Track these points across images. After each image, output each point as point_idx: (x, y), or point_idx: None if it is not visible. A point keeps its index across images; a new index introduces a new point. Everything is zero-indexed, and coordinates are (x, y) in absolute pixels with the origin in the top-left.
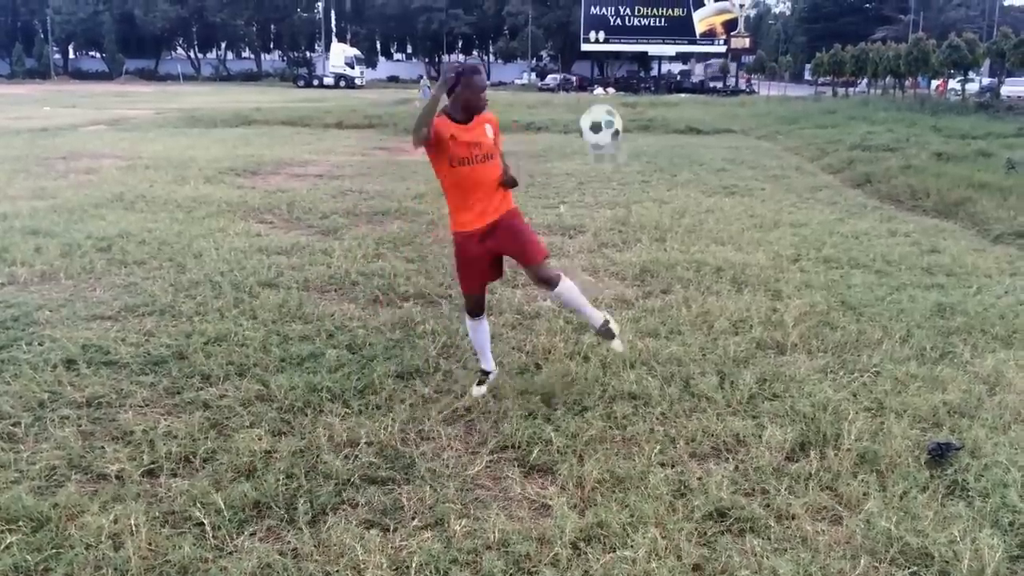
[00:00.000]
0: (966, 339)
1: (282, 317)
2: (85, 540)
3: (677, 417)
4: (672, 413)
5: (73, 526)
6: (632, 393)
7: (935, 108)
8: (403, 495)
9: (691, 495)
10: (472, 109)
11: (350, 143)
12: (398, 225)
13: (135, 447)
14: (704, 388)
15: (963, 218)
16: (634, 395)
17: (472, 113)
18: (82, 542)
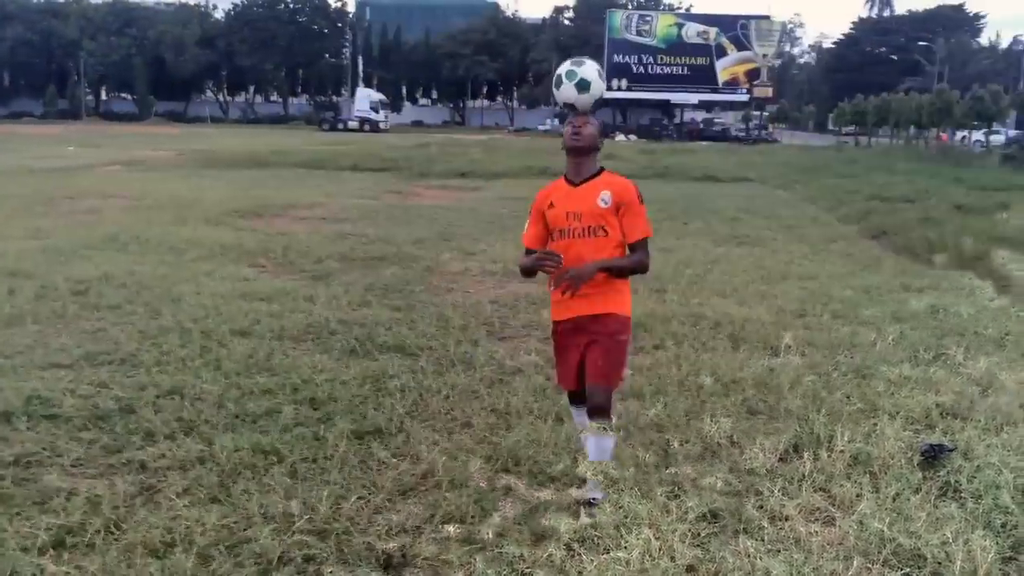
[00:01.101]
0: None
1: (247, 369)
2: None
3: (651, 491)
4: (645, 486)
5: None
6: None
7: (958, 159)
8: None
9: None
10: (570, 151)
11: (363, 186)
12: (392, 271)
13: (54, 514)
14: (682, 459)
15: (981, 272)
16: None
17: (579, 166)
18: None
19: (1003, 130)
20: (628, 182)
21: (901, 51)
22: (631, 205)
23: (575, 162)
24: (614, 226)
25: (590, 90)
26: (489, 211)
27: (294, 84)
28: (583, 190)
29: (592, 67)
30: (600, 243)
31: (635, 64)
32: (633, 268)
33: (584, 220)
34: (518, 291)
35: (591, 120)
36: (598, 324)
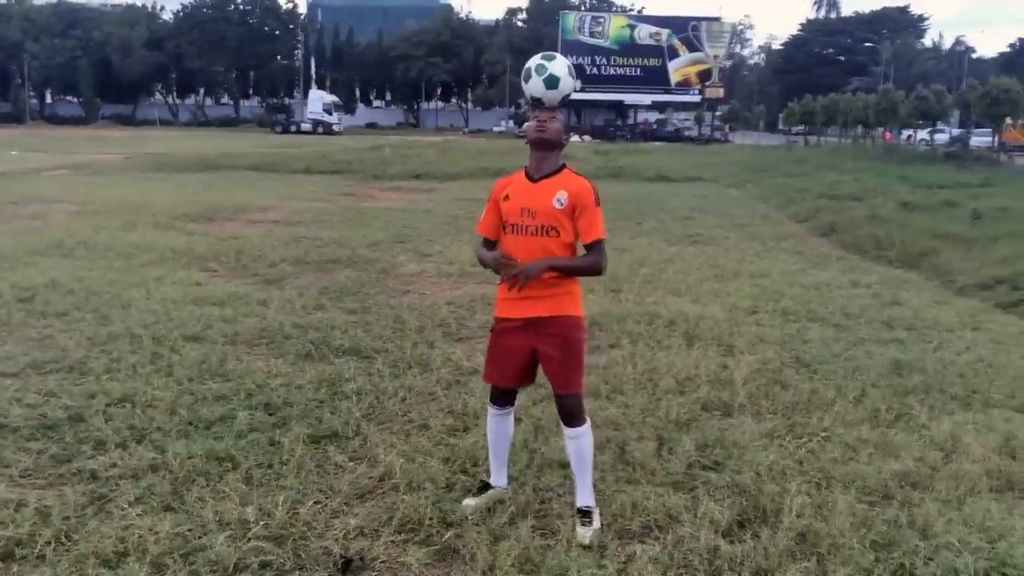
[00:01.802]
0: (923, 399)
1: (200, 374)
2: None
3: (608, 489)
4: (603, 484)
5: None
6: (562, 461)
7: (904, 158)
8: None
9: None
10: (534, 144)
11: (316, 188)
12: (347, 274)
13: (2, 526)
14: (640, 456)
15: (927, 269)
16: (564, 463)
17: (541, 161)
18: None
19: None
20: (586, 183)
21: (848, 52)
22: (586, 207)
23: (538, 156)
24: (567, 228)
25: (558, 87)
26: (444, 212)
27: (245, 86)
28: (541, 188)
29: (563, 63)
30: (550, 243)
31: (588, 65)
32: (585, 269)
33: (537, 219)
34: (474, 292)
35: (557, 116)
36: (552, 327)
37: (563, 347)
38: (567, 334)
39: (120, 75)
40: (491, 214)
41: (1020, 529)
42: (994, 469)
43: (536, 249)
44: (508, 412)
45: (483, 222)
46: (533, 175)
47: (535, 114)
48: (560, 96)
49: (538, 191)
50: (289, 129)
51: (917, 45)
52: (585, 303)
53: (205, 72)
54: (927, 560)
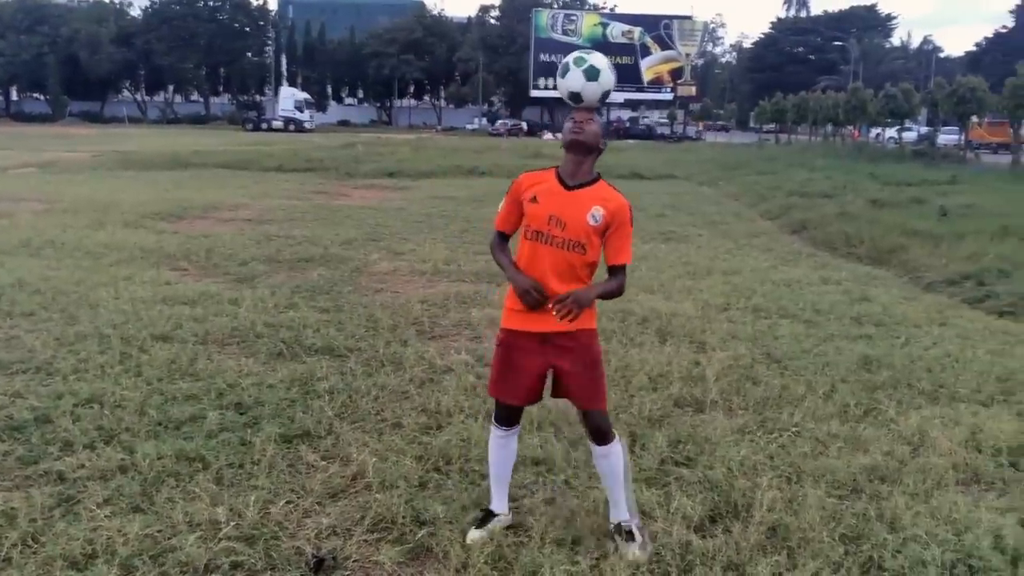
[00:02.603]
0: (891, 394)
1: (170, 374)
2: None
3: (582, 486)
4: (577, 480)
5: None
6: (535, 459)
7: (873, 156)
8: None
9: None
10: (570, 147)
11: (288, 187)
12: (319, 273)
13: None
14: None
15: (895, 265)
16: (537, 460)
17: (577, 166)
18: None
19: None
20: (624, 200)
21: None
22: (621, 227)
23: (573, 160)
24: (595, 246)
25: (599, 79)
26: (418, 211)
27: (215, 83)
28: (575, 197)
29: (602, 58)
30: (575, 259)
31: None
32: (615, 294)
33: (567, 231)
34: (447, 290)
35: (595, 117)
36: (573, 341)
37: (586, 362)
38: (589, 348)
39: (88, 72)
40: (512, 209)
41: (986, 521)
42: (960, 462)
43: (560, 263)
44: (513, 433)
45: (502, 216)
46: (567, 181)
47: (571, 113)
48: (600, 91)
49: (572, 201)
50: (260, 127)
51: (885, 44)
52: None
53: (174, 69)
54: (895, 553)
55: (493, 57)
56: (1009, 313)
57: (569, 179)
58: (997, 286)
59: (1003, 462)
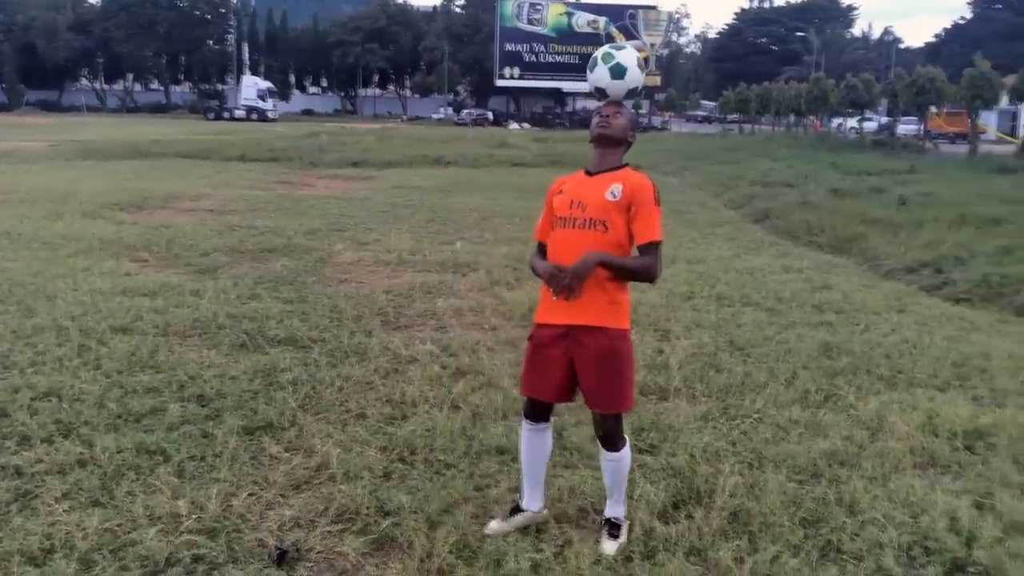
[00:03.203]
0: (851, 380)
1: (130, 367)
2: None
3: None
4: None
5: None
6: (500, 447)
7: (834, 146)
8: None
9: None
10: (596, 140)
11: (251, 176)
12: (283, 263)
13: None
14: (577, 440)
15: (856, 254)
16: (502, 449)
17: (603, 158)
18: None
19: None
20: (645, 180)
21: (781, 41)
22: (644, 205)
23: (599, 153)
24: (617, 225)
25: (625, 77)
26: (383, 200)
27: (176, 72)
28: (596, 180)
29: (631, 54)
30: (598, 238)
31: (527, 53)
32: (639, 272)
33: (587, 211)
34: (413, 280)
35: (623, 110)
36: (593, 337)
37: (601, 361)
38: (609, 347)
39: (45, 60)
40: (547, 215)
41: (942, 504)
42: (917, 446)
43: (582, 244)
44: (544, 428)
45: (539, 225)
46: (591, 170)
47: (598, 108)
48: (626, 88)
49: (592, 183)
50: (222, 116)
51: (847, 35)
52: (524, 291)
53: (133, 57)
54: (853, 535)
55: (458, 46)
56: (965, 300)
57: (593, 169)
58: (954, 273)
59: (958, 445)
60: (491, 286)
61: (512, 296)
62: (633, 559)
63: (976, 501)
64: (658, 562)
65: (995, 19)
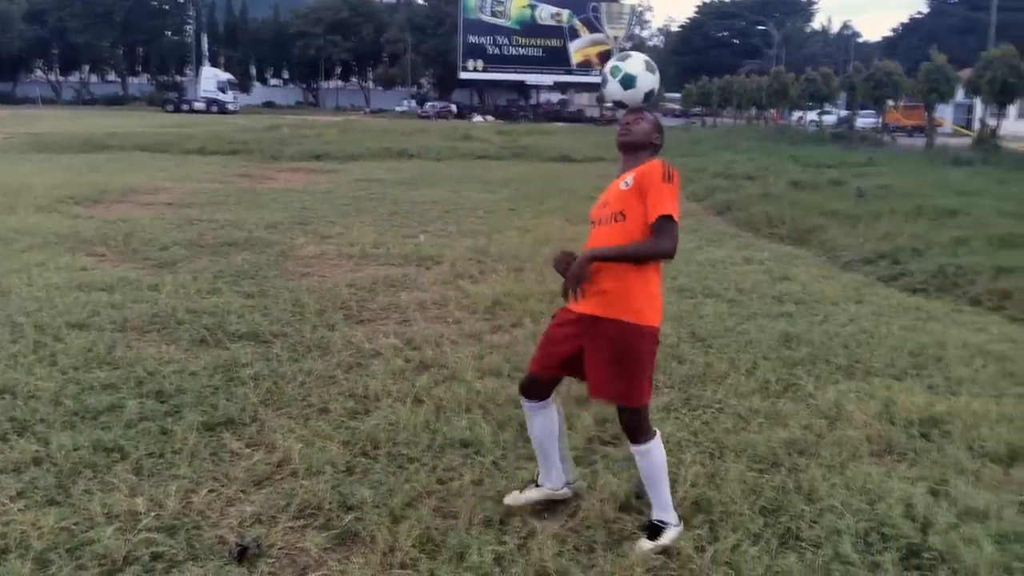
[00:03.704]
0: (810, 370)
1: (86, 363)
2: None
3: (510, 466)
4: (505, 462)
5: None
6: (464, 440)
7: (794, 138)
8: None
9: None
10: (620, 147)
11: (211, 169)
12: (244, 257)
13: None
14: None
15: (815, 245)
16: (466, 442)
17: (627, 163)
18: None
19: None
20: (655, 161)
21: (742, 35)
22: (652, 183)
23: (624, 160)
24: (635, 211)
25: (636, 85)
26: (345, 193)
27: (133, 63)
28: (618, 179)
29: (638, 60)
30: (619, 230)
31: (490, 45)
32: (644, 252)
33: (609, 207)
34: (376, 274)
35: (645, 116)
36: (603, 328)
37: (608, 352)
38: (617, 338)
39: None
40: None
41: (898, 490)
42: (874, 434)
43: (607, 238)
44: (543, 405)
45: None
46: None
47: (622, 116)
48: (641, 95)
49: (615, 182)
50: (181, 108)
51: (806, 29)
52: (488, 283)
53: (90, 47)
54: (812, 523)
55: (421, 38)
56: (921, 290)
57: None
58: (911, 264)
59: (914, 433)
60: (455, 279)
61: (476, 289)
62: (596, 549)
63: (931, 488)
64: (621, 552)
65: (951, 14)
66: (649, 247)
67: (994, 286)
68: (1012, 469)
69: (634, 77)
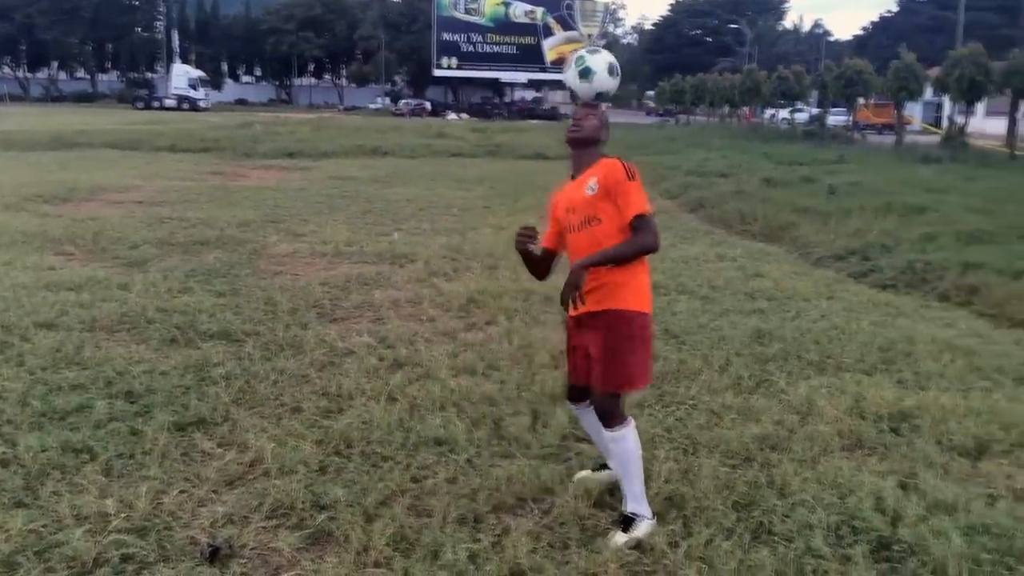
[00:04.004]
0: (782, 366)
1: (55, 363)
2: None
3: (484, 464)
4: (479, 460)
5: None
6: (438, 439)
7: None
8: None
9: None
10: (569, 143)
11: (182, 167)
12: (216, 255)
13: None
14: (515, 430)
15: (787, 242)
16: (440, 440)
17: (578, 159)
18: None
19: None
20: (613, 162)
21: (715, 33)
22: (618, 184)
23: (575, 155)
24: (607, 213)
25: (591, 80)
26: (319, 191)
27: (102, 59)
28: (578, 182)
29: (603, 59)
30: (596, 233)
31: (464, 43)
32: (630, 251)
33: (578, 212)
34: (349, 272)
35: (596, 112)
36: (595, 320)
37: (600, 341)
38: (608, 327)
39: None
40: (550, 227)
41: (868, 484)
42: (845, 429)
43: (589, 241)
44: (586, 406)
45: (546, 235)
46: (574, 173)
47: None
48: (593, 92)
49: (576, 186)
50: (152, 105)
51: (778, 27)
52: (462, 281)
53: (58, 44)
54: (784, 517)
55: (395, 35)
56: (891, 286)
57: (576, 172)
58: (880, 260)
59: (884, 428)
60: (429, 277)
61: (450, 287)
62: (570, 546)
63: (901, 481)
64: (595, 548)
65: (920, 12)
66: (635, 246)
67: (962, 282)
68: (979, 462)
69: (593, 73)
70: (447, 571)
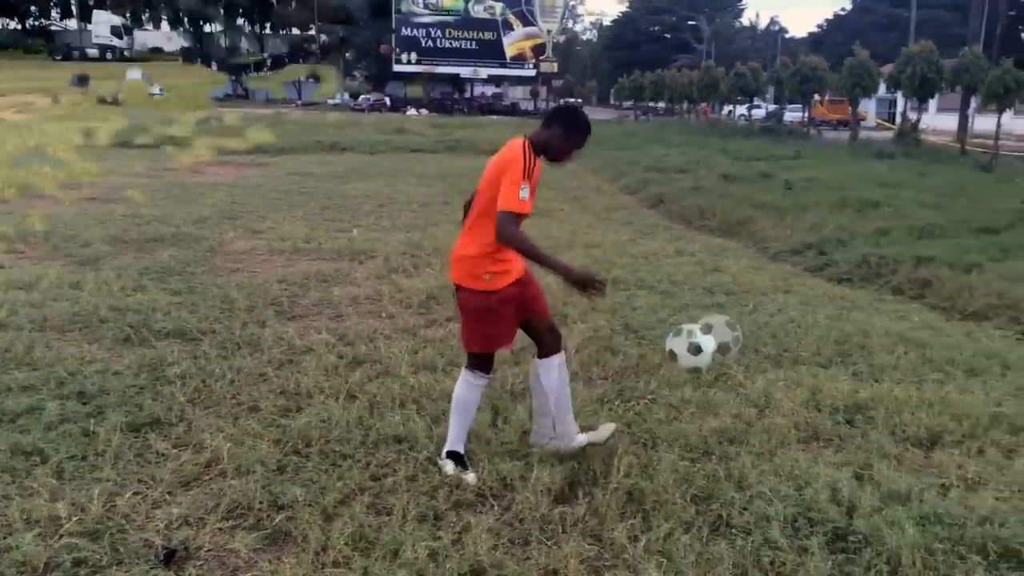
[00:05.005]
0: (740, 359)
1: (4, 364)
2: None
3: None
4: (439, 457)
5: None
6: (398, 436)
7: (724, 132)
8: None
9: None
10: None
11: (136, 162)
12: (171, 253)
13: None
14: (475, 426)
15: (745, 237)
16: (400, 438)
17: None
18: None
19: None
20: (517, 145)
21: (673, 30)
22: (507, 173)
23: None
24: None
25: (699, 356)
26: (276, 187)
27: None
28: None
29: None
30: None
31: (424, 38)
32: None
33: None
34: (308, 269)
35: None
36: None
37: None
38: (462, 302)
39: None
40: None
41: (824, 476)
42: (802, 422)
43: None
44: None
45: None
46: None
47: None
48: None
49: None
50: (72, 55)
51: (735, 24)
52: (422, 278)
53: None
54: (742, 510)
55: (354, 31)
56: (846, 280)
57: None
58: (836, 254)
59: (840, 420)
60: (388, 273)
61: (410, 283)
62: (531, 541)
63: (856, 472)
64: (556, 542)
65: (874, 10)
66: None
67: (914, 275)
68: (932, 453)
69: (703, 352)
70: (407, 569)
